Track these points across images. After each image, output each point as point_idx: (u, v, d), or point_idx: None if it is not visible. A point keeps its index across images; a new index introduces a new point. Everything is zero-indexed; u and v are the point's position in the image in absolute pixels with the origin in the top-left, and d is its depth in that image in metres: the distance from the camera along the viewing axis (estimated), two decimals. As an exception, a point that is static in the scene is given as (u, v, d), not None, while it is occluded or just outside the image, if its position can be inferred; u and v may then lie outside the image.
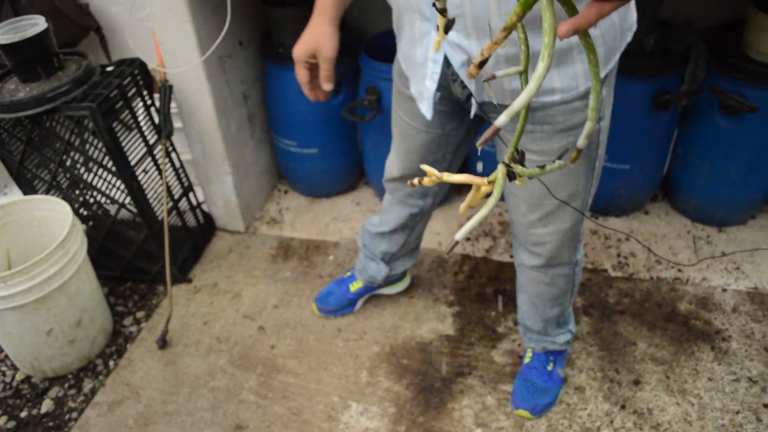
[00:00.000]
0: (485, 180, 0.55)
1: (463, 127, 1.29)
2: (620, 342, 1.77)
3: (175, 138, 1.99)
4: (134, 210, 1.84)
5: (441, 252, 2.05)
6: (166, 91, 1.83)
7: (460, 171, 0.76)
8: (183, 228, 2.05)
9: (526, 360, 1.65)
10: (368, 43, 2.01)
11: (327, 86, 1.18)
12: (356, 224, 2.18)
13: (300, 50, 1.17)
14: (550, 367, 1.63)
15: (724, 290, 1.92)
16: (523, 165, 0.56)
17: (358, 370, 1.72)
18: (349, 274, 1.86)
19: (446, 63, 1.04)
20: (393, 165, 1.44)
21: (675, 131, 1.99)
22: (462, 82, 1.07)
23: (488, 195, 0.56)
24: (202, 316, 1.91)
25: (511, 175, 0.57)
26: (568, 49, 0.95)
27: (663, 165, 2.06)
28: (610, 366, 1.72)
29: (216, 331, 1.86)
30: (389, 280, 1.80)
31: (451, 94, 1.15)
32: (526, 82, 0.56)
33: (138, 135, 1.80)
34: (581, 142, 0.57)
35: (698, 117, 1.93)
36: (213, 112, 1.90)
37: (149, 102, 1.85)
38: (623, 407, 1.63)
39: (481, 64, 0.54)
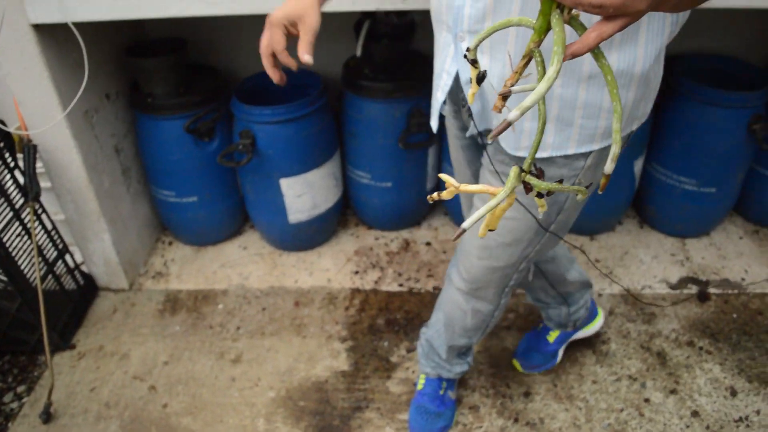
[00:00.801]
0: (499, 189, 0.58)
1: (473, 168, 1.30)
2: (509, 357, 1.88)
3: (45, 198, 1.94)
4: (4, 278, 1.79)
5: (331, 289, 2.10)
6: (30, 151, 1.80)
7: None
8: (61, 292, 2.00)
9: (419, 387, 1.69)
10: (239, 87, 2.05)
11: (307, 58, 0.98)
12: (244, 269, 2.20)
13: (280, 14, 0.99)
14: (441, 392, 1.67)
15: (600, 295, 2.07)
16: (541, 179, 0.59)
17: (255, 419, 1.73)
18: (541, 326, 1.84)
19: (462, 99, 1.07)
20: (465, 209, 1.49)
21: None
22: (469, 109, 1.07)
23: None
24: (89, 382, 1.87)
25: (527, 187, 0.60)
26: (570, 120, 0.97)
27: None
28: (501, 382, 1.82)
29: (104, 397, 1.82)
30: (581, 321, 1.76)
31: (463, 126, 1.18)
32: (544, 103, 0.60)
33: (2, 199, 1.76)
34: (609, 166, 0.59)
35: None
36: (83, 169, 1.88)
37: (12, 164, 1.81)
38: (516, 420, 1.72)
39: (505, 97, 0.57)
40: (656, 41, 0.91)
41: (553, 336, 1.80)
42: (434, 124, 1.13)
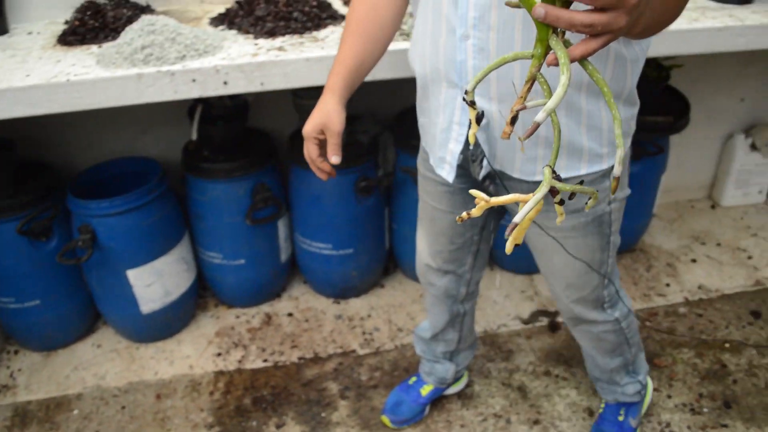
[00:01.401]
0: (529, 196, 0.60)
1: (486, 210, 1.38)
2: (377, 415, 1.92)
3: None
4: None
5: (193, 375, 2.08)
6: None
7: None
8: None
9: (600, 411, 1.80)
10: (75, 181, 2.03)
11: (335, 159, 1.22)
12: (99, 369, 2.13)
13: (309, 127, 1.22)
14: (621, 418, 1.73)
15: (460, 341, 2.18)
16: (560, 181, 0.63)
17: None
18: (414, 380, 1.90)
19: (466, 143, 1.15)
20: (423, 252, 1.54)
21: (386, 210, 2.26)
22: (480, 162, 1.18)
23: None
24: None
25: (553, 192, 0.63)
26: (578, 143, 1.12)
27: (384, 241, 2.31)
28: (372, 441, 1.86)
29: None
30: (454, 380, 1.86)
31: (470, 174, 1.25)
32: (556, 114, 0.63)
33: None
34: (616, 169, 0.62)
35: (401, 194, 2.22)
36: None
37: None
38: (389, 478, 1.76)
39: (513, 121, 0.62)
40: (636, 74, 1.13)
41: (426, 390, 1.87)
42: (452, 175, 1.22)
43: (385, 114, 2.29)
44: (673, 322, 2.25)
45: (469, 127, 1.04)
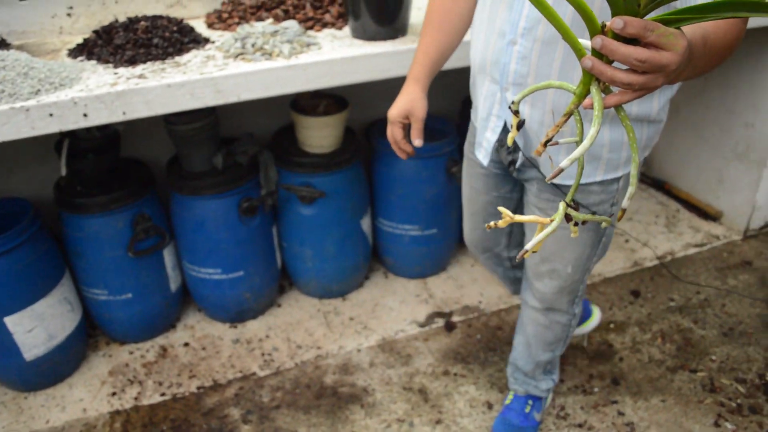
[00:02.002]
0: (548, 220, 0.72)
1: (516, 192, 1.51)
2: (280, 436, 1.92)
3: None
4: None
5: (87, 419, 2.01)
6: None
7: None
8: None
9: (507, 401, 1.87)
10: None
11: (418, 142, 1.40)
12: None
13: (395, 112, 1.39)
14: (527, 409, 1.81)
15: (359, 350, 2.21)
16: (577, 210, 0.77)
17: None
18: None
19: (501, 133, 1.31)
20: (466, 228, 1.69)
21: (273, 228, 2.27)
22: (507, 148, 1.33)
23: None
24: None
25: (567, 217, 0.75)
26: (598, 155, 1.24)
27: (275, 260, 2.31)
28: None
29: None
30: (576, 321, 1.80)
31: (500, 159, 1.37)
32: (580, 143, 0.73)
33: None
34: (625, 203, 0.75)
35: (286, 211, 2.23)
36: None
37: None
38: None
39: (546, 144, 0.73)
40: (665, 96, 1.24)
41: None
42: (486, 159, 1.37)
43: (263, 133, 2.30)
44: (561, 309, 2.35)
45: (503, 131, 1.32)
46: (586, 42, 0.71)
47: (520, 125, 0.80)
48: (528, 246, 0.71)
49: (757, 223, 2.76)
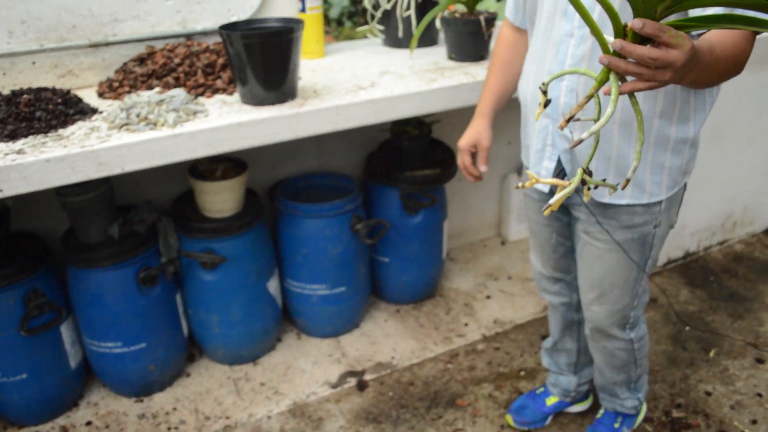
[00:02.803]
0: (567, 182, 0.88)
1: (561, 228, 1.65)
2: None
3: None
4: None
5: None
6: None
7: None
8: None
9: (598, 416, 1.95)
10: None
11: (484, 168, 1.65)
12: None
13: (465, 142, 1.65)
14: (617, 425, 1.90)
15: (269, 417, 2.16)
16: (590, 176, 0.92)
17: None
18: (541, 389, 2.07)
19: (557, 162, 1.45)
20: (536, 263, 1.80)
21: (177, 296, 2.22)
22: (557, 176, 1.45)
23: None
24: None
25: (584, 182, 0.90)
26: (641, 180, 1.39)
27: (180, 329, 2.26)
28: None
29: None
30: (579, 393, 2.01)
31: (553, 189, 1.48)
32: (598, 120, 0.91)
33: None
34: (630, 174, 0.92)
35: (189, 278, 2.19)
36: None
37: None
38: None
39: (569, 120, 0.87)
40: (699, 122, 1.38)
41: (551, 401, 2.05)
42: (547, 187, 1.51)
43: (162, 199, 2.27)
44: (473, 360, 2.37)
45: (559, 161, 1.45)
46: (610, 38, 0.87)
47: (547, 104, 0.95)
48: (552, 201, 0.87)
49: (660, 260, 2.86)
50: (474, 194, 2.94)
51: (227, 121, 1.72)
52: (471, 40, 2.09)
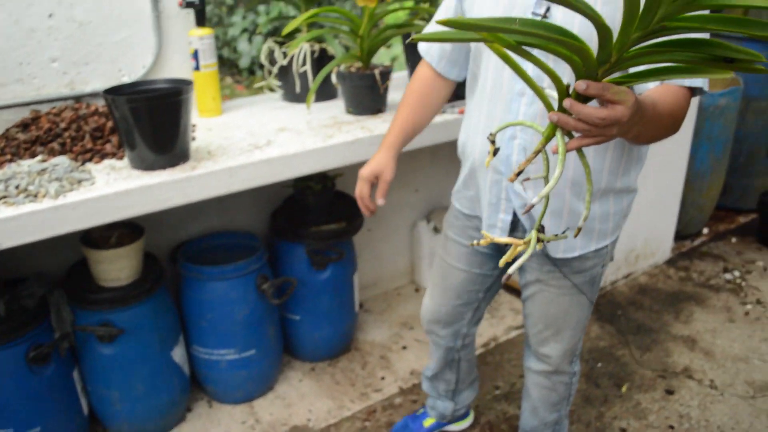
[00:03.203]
0: (522, 242, 0.93)
1: (498, 270, 1.66)
2: None
3: None
4: None
5: None
6: None
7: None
8: None
9: None
10: None
11: (381, 201, 1.59)
12: None
13: (367, 171, 1.59)
14: None
15: (179, 495, 2.03)
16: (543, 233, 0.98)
17: None
18: (421, 410, 2.15)
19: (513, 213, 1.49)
20: (426, 307, 1.83)
21: (74, 373, 2.08)
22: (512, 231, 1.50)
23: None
24: None
25: (538, 239, 0.94)
26: (591, 228, 1.45)
27: (80, 408, 2.11)
28: None
29: None
30: (456, 416, 2.08)
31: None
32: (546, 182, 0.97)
33: None
34: (581, 222, 0.99)
35: (87, 352, 2.06)
36: None
37: None
38: None
39: (518, 174, 0.92)
40: (638, 169, 1.46)
41: (429, 422, 2.11)
42: (504, 235, 1.50)
43: (56, 270, 2.15)
44: (391, 416, 2.32)
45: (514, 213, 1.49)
46: (553, 93, 0.94)
47: (496, 152, 0.99)
48: (510, 270, 0.90)
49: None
50: (385, 243, 2.93)
51: (114, 189, 1.65)
52: (367, 93, 2.10)
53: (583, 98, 0.91)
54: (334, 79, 2.17)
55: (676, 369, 2.53)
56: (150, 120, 1.70)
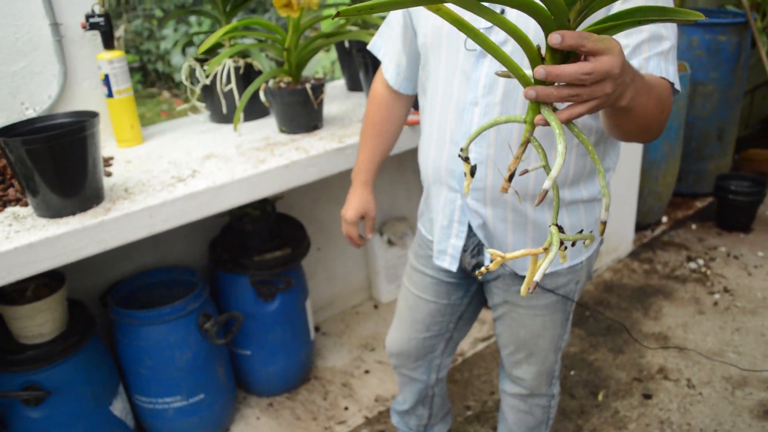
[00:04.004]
0: (540, 249, 0.73)
1: (467, 298, 1.55)
2: None
3: None
4: None
5: None
6: None
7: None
8: None
9: None
10: None
11: (370, 236, 1.64)
12: None
13: (352, 213, 1.60)
14: None
15: None
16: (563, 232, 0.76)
17: None
18: None
19: (466, 238, 1.37)
20: (394, 340, 1.67)
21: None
22: (472, 251, 1.37)
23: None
24: None
25: (561, 243, 0.75)
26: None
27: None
28: None
29: None
30: None
31: (461, 265, 1.41)
32: (549, 171, 0.76)
33: None
34: (604, 214, 0.79)
35: (14, 418, 1.84)
36: None
37: None
38: None
39: (510, 178, 0.75)
40: (608, 176, 1.28)
41: None
42: (455, 265, 1.40)
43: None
44: (356, 449, 2.15)
45: (468, 235, 1.37)
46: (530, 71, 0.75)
47: (473, 171, 0.82)
48: (537, 277, 0.71)
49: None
50: (338, 261, 2.75)
51: (14, 244, 1.44)
52: (300, 110, 1.92)
53: (561, 59, 0.74)
54: (262, 96, 1.97)
55: (651, 370, 2.41)
56: (51, 161, 1.49)
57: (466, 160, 0.83)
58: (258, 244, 2.17)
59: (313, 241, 2.62)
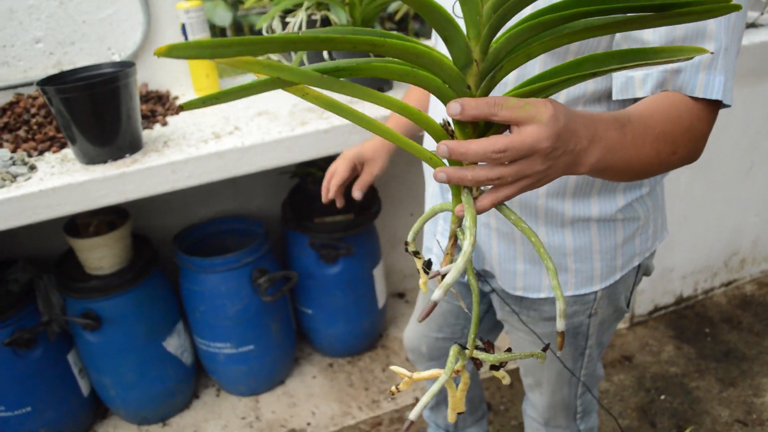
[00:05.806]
0: (448, 372, 0.64)
1: (483, 305, 1.35)
2: None
3: None
4: None
5: None
6: None
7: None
8: None
9: None
10: None
11: (358, 194, 1.34)
12: None
13: (354, 151, 1.34)
14: None
15: (157, 492, 1.95)
16: (490, 352, 0.65)
17: None
18: None
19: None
20: (408, 335, 1.54)
21: (69, 355, 2.04)
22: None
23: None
24: None
25: (477, 364, 0.65)
26: (563, 265, 1.07)
27: (77, 389, 2.08)
28: None
29: None
30: None
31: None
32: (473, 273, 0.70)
33: None
34: (559, 323, 0.63)
35: (77, 338, 2.01)
36: None
37: None
38: None
39: (433, 276, 0.67)
40: (633, 193, 1.03)
41: None
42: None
43: (48, 255, 2.10)
44: (397, 431, 2.06)
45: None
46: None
47: (426, 266, 0.71)
48: (412, 415, 0.64)
49: (646, 308, 2.42)
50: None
51: (39, 188, 1.51)
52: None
53: (481, 132, 0.60)
54: (325, 53, 1.85)
55: (763, 414, 1.99)
56: (84, 110, 1.53)
57: (416, 254, 0.71)
58: (320, 206, 2.10)
59: (406, 207, 2.49)
